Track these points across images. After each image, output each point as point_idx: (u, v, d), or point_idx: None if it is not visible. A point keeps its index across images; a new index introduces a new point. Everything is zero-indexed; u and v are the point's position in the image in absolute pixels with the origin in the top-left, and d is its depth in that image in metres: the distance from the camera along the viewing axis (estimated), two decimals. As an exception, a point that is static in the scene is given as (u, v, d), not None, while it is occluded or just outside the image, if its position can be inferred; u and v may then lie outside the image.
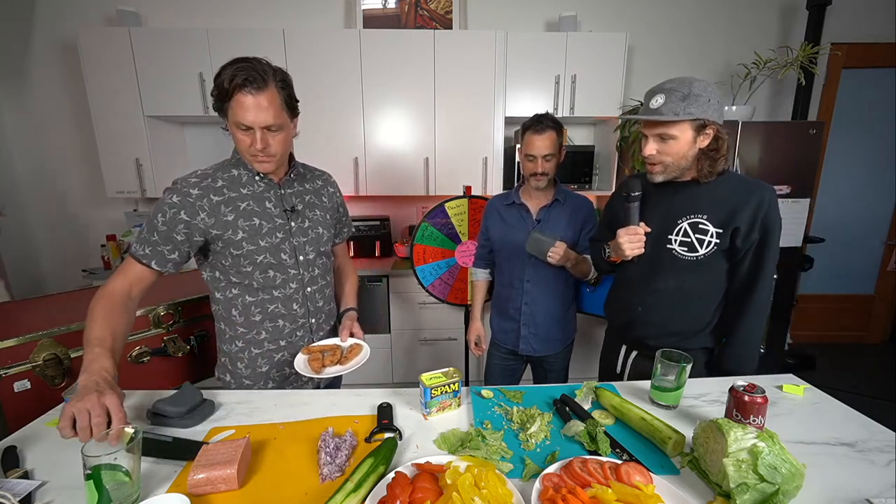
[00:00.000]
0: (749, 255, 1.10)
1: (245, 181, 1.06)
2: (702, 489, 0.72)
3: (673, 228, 1.14)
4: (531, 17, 2.78)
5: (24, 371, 1.11)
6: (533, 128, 1.39)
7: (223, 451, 0.74)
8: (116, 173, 2.51)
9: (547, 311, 1.54)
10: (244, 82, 0.92)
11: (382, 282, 2.48)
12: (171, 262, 1.01)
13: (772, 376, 1.09)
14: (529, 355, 1.60)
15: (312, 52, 2.40)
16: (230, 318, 1.11)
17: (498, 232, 1.58)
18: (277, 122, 0.97)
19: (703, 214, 1.11)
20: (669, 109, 1.02)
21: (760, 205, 1.06)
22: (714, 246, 1.10)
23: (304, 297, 1.15)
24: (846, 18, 2.78)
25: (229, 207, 1.03)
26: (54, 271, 2.96)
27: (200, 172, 1.04)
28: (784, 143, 2.27)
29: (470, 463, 0.72)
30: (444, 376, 0.95)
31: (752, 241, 1.08)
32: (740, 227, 1.07)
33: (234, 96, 0.93)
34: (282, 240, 1.09)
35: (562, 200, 1.49)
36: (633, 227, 1.14)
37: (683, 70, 2.84)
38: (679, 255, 1.14)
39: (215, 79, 0.95)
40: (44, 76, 2.69)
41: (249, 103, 0.93)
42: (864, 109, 2.96)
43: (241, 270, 1.07)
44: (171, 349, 1.40)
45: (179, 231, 0.99)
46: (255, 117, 0.94)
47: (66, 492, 0.71)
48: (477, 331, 1.74)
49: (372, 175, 2.60)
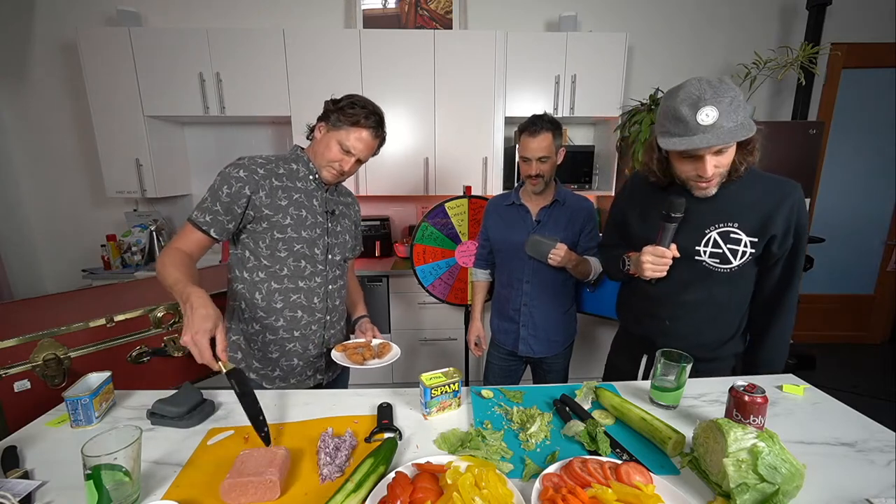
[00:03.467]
0: (783, 260, 1.04)
1: (301, 176, 1.17)
2: (702, 489, 0.72)
3: (700, 240, 1.04)
4: (531, 17, 2.78)
5: (24, 371, 1.11)
6: (528, 129, 1.38)
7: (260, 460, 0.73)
8: (116, 173, 2.51)
9: (546, 312, 1.54)
10: (373, 122, 1.12)
11: (382, 282, 2.48)
12: (226, 232, 1.10)
13: (772, 376, 1.09)
14: (529, 356, 1.60)
15: (312, 52, 2.40)
16: (252, 300, 1.16)
17: (498, 232, 1.57)
18: (366, 159, 1.18)
19: (733, 223, 1.02)
20: (731, 121, 0.87)
21: (793, 208, 1.00)
22: (749, 256, 1.02)
23: (325, 293, 1.23)
24: (846, 18, 2.78)
25: (285, 194, 1.13)
26: (54, 271, 2.96)
27: (265, 157, 1.15)
28: (784, 143, 2.27)
29: (470, 463, 0.72)
30: (444, 376, 0.95)
31: (787, 247, 1.02)
32: (776, 235, 1.00)
33: (357, 126, 1.11)
34: (319, 236, 1.18)
35: (562, 201, 1.49)
36: (661, 248, 1.03)
37: (683, 70, 2.84)
38: (711, 267, 1.05)
39: (347, 107, 1.11)
40: (44, 76, 2.69)
41: (362, 138, 1.12)
42: (864, 109, 2.96)
43: (275, 255, 1.13)
44: (171, 349, 1.40)
45: (241, 204, 1.07)
46: (360, 150, 1.13)
47: (66, 492, 0.71)
48: (477, 331, 1.74)
49: (372, 175, 2.60)
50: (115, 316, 1.26)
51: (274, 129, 2.85)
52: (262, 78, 2.40)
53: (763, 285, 1.09)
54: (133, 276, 2.50)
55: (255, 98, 2.43)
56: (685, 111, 0.88)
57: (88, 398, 0.88)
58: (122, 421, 0.91)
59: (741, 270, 1.04)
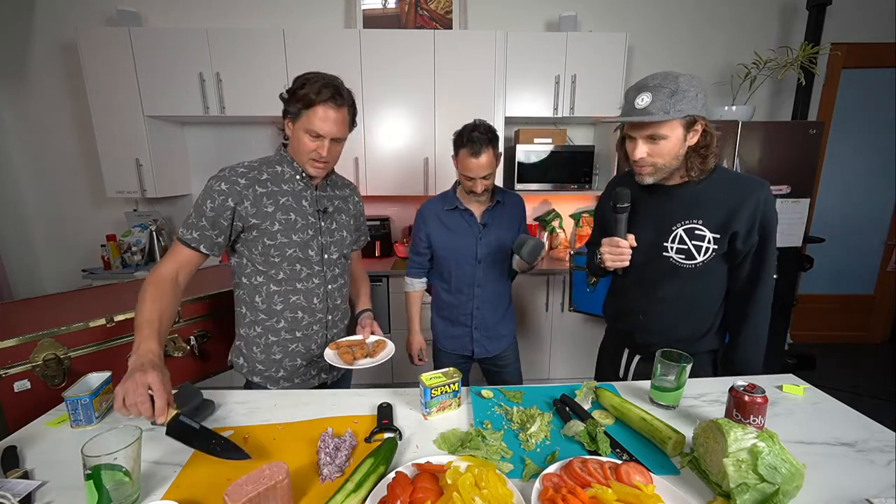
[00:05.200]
0: (750, 257, 1.07)
1: (287, 178, 1.13)
2: (702, 489, 0.72)
3: (668, 236, 1.09)
4: (531, 17, 2.78)
5: (24, 371, 1.11)
6: (468, 148, 1.32)
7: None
8: (116, 173, 2.51)
9: (495, 311, 1.55)
10: (329, 98, 1.03)
11: (382, 282, 2.48)
12: (217, 246, 1.08)
13: (772, 376, 1.08)
14: (483, 357, 1.59)
15: (312, 52, 2.40)
16: (253, 303, 1.16)
17: (442, 239, 1.51)
18: (342, 136, 1.10)
19: (698, 220, 1.06)
20: (659, 108, 0.95)
21: (757, 205, 1.03)
22: (712, 252, 1.06)
23: (324, 293, 1.21)
24: (846, 18, 2.78)
25: (270, 200, 1.10)
26: (54, 271, 2.96)
27: (247, 164, 1.12)
28: (784, 143, 2.27)
29: (470, 463, 0.72)
30: (444, 376, 0.95)
31: (752, 243, 1.05)
32: (739, 231, 1.03)
33: (314, 106, 1.03)
34: (311, 237, 1.16)
35: (502, 202, 1.49)
36: (616, 238, 1.09)
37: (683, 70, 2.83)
38: (677, 264, 1.09)
39: (297, 88, 1.04)
40: (44, 76, 2.69)
41: (328, 116, 1.04)
42: (864, 109, 2.96)
43: (269, 260, 1.12)
44: (171, 349, 1.40)
45: (226, 217, 1.06)
46: (329, 129, 1.05)
47: (66, 492, 0.71)
48: (419, 343, 1.69)
49: (372, 175, 2.60)
50: (115, 316, 1.26)
51: (274, 129, 2.84)
52: (262, 78, 2.40)
53: (734, 282, 1.12)
54: (133, 276, 2.50)
55: (255, 98, 2.44)
56: (630, 94, 1.00)
57: (88, 398, 0.88)
58: (122, 421, 0.91)
59: (707, 266, 1.08)
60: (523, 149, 2.58)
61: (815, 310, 3.25)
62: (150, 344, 0.87)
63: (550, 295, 2.54)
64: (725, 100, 2.71)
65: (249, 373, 1.21)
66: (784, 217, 2.32)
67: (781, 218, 1.09)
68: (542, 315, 2.56)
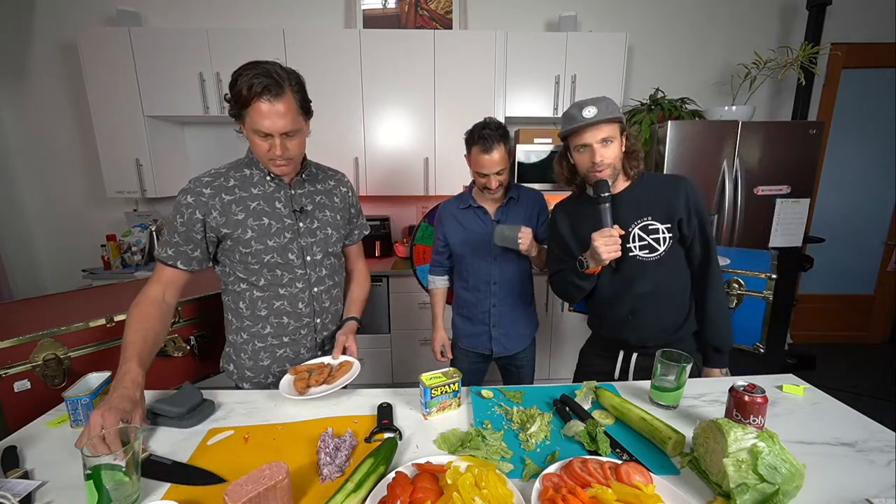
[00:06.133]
0: (696, 239, 1.19)
1: (256, 181, 1.08)
2: (702, 489, 0.72)
3: (628, 237, 1.19)
4: (531, 17, 2.78)
5: (24, 371, 1.11)
6: (480, 145, 1.33)
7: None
8: (116, 173, 2.51)
9: (514, 309, 1.54)
10: (263, 90, 0.92)
11: (382, 282, 2.48)
12: (195, 260, 1.06)
13: (772, 376, 1.09)
14: (501, 355, 1.59)
15: (312, 52, 2.40)
16: (238, 310, 1.14)
17: (457, 237, 1.54)
18: (295, 128, 0.99)
19: (647, 216, 1.18)
20: (605, 112, 1.10)
21: (687, 194, 1.16)
22: (669, 240, 1.17)
23: (310, 297, 1.16)
24: (846, 18, 2.78)
25: (240, 207, 1.05)
26: (54, 271, 2.96)
27: (214, 171, 1.07)
28: (784, 143, 2.26)
29: (470, 463, 0.72)
30: (444, 376, 0.95)
31: (693, 226, 1.18)
32: (682, 218, 1.16)
33: (252, 104, 0.93)
34: (290, 240, 1.10)
35: (516, 198, 1.49)
36: (606, 228, 1.13)
37: (683, 70, 2.85)
38: (644, 259, 1.19)
39: (231, 85, 0.95)
40: (44, 76, 2.69)
41: (269, 111, 0.93)
42: (864, 109, 2.95)
43: (248, 268, 1.09)
44: (171, 349, 1.40)
45: (197, 230, 1.03)
46: (273, 125, 0.95)
47: (66, 492, 0.71)
48: (442, 340, 1.70)
49: (372, 175, 2.60)
50: (115, 316, 1.26)
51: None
52: (262, 78, 2.40)
53: (691, 266, 1.23)
54: (133, 276, 2.50)
55: (255, 98, 2.43)
56: (573, 111, 1.13)
57: (89, 398, 0.88)
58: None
59: (669, 255, 1.19)
60: (523, 149, 2.58)
61: (815, 310, 3.25)
62: (130, 366, 0.86)
63: (551, 295, 2.54)
64: (725, 100, 2.71)
65: (239, 379, 1.18)
66: (784, 217, 2.32)
67: (781, 218, 1.13)
68: (542, 315, 2.54)
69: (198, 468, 0.77)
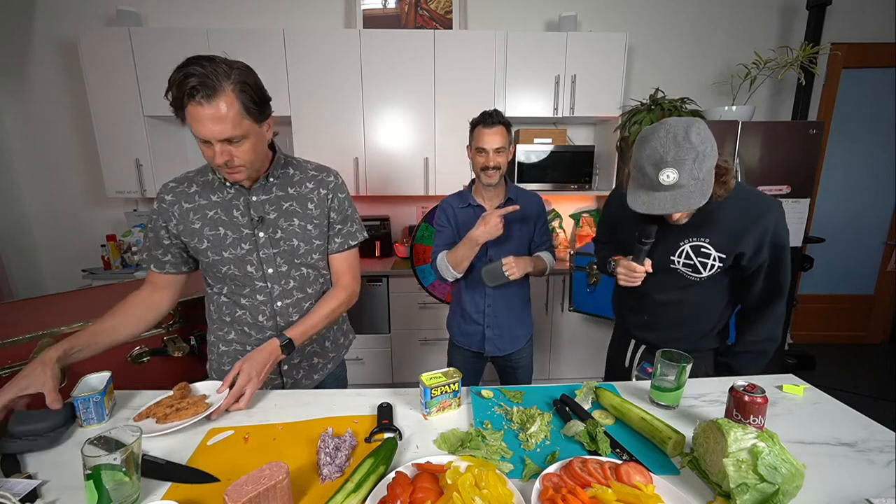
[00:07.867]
0: (762, 274, 1.10)
1: (216, 187, 1.01)
2: (702, 489, 0.72)
3: (675, 250, 1.13)
4: (531, 17, 2.78)
5: (24, 371, 1.11)
6: (483, 122, 1.38)
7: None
8: (116, 173, 2.51)
9: (508, 310, 1.55)
10: (192, 90, 0.79)
11: (382, 282, 2.48)
12: (167, 264, 1.06)
13: (772, 376, 1.09)
14: (495, 356, 1.59)
15: (312, 52, 2.40)
16: (209, 311, 1.15)
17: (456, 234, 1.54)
18: (237, 133, 0.85)
19: (705, 238, 1.10)
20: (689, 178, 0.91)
21: (767, 229, 1.06)
22: (717, 268, 1.11)
23: (272, 311, 1.07)
24: (846, 18, 2.78)
25: (198, 215, 1.01)
26: (54, 271, 2.96)
27: (184, 175, 1.05)
28: (784, 143, 2.27)
29: (470, 463, 0.72)
30: (444, 376, 0.95)
31: (760, 261, 1.08)
32: (745, 252, 1.07)
33: (186, 107, 0.82)
34: (248, 251, 1.02)
35: (514, 199, 1.49)
36: (634, 264, 1.13)
37: (683, 70, 2.84)
38: (683, 275, 1.15)
39: (168, 89, 0.83)
40: (44, 76, 2.69)
41: (202, 115, 0.81)
42: (864, 109, 2.95)
43: (215, 276, 1.08)
44: (171, 349, 1.40)
45: (163, 236, 1.03)
46: (208, 130, 0.83)
47: (66, 492, 0.71)
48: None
49: (372, 175, 2.60)
50: (115, 316, 1.26)
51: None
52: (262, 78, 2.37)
53: (746, 297, 1.16)
54: (133, 276, 2.50)
55: (255, 98, 2.43)
56: (649, 169, 0.94)
57: (100, 395, 0.88)
58: (122, 421, 0.91)
59: (711, 279, 1.13)
60: (523, 149, 2.58)
61: (815, 310, 3.25)
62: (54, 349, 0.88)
63: (551, 295, 2.54)
64: (725, 100, 2.71)
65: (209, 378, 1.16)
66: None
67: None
68: (542, 315, 2.56)
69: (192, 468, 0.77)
